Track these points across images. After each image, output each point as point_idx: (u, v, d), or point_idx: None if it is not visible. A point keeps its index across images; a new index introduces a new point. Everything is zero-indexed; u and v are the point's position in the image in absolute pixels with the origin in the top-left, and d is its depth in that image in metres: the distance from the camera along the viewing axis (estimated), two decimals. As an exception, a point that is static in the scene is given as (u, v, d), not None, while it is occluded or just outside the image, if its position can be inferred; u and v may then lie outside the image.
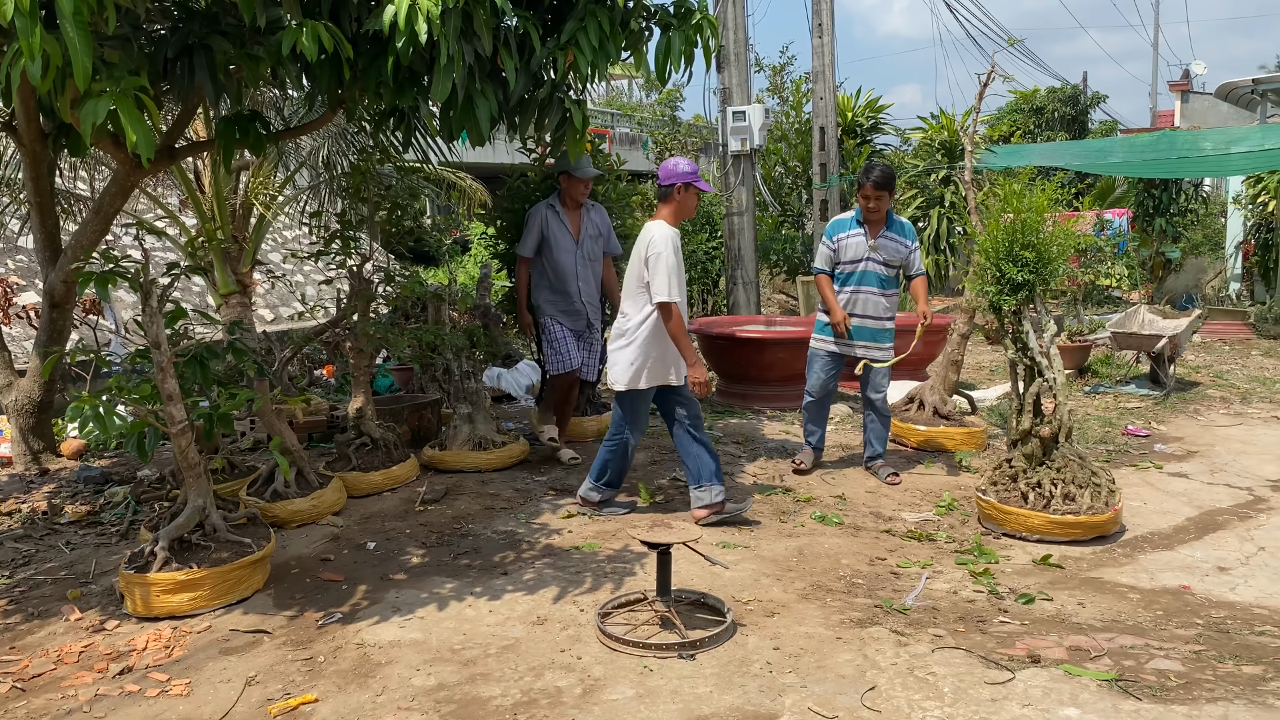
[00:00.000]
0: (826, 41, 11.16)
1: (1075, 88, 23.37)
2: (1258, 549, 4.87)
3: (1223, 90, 16.47)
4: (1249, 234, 14.77)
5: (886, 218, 6.11)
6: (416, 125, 5.81)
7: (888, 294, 6.14)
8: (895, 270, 6.14)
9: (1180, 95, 28.35)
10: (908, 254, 6.12)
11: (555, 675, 3.49)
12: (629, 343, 5.14)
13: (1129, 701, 3.25)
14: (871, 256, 6.08)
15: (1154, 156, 13.08)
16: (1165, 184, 15.21)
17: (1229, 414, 8.14)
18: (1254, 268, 14.82)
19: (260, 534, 4.54)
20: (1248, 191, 14.51)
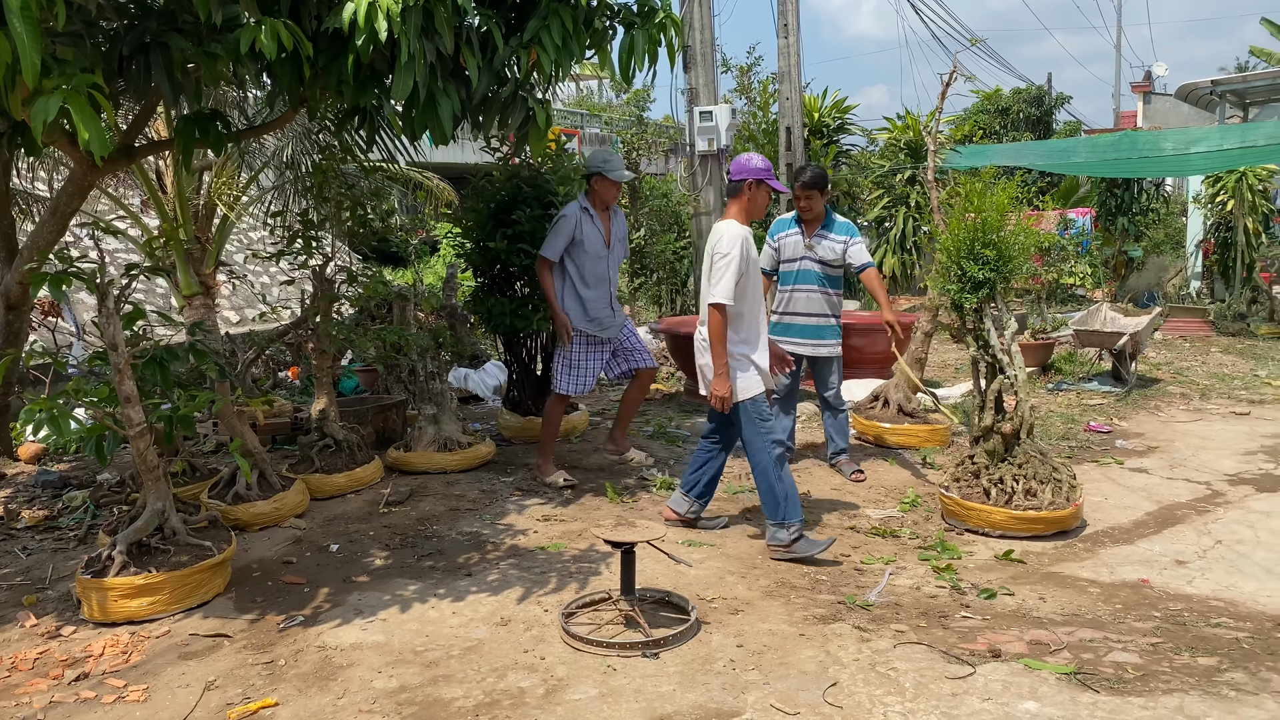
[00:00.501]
0: (792, 42, 11.20)
1: (1040, 89, 23.60)
2: (1215, 542, 4.94)
3: (1183, 91, 16.68)
4: (1209, 233, 14.99)
5: (825, 217, 6.16)
6: (380, 124, 5.77)
7: (829, 292, 6.16)
8: (838, 269, 6.16)
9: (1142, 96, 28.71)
10: (844, 250, 6.10)
11: (518, 676, 3.48)
12: (727, 349, 4.78)
13: (1087, 694, 3.28)
14: (808, 255, 6.13)
15: (1116, 156, 13.24)
16: (1127, 183, 15.41)
17: (1189, 410, 8.25)
18: (1213, 266, 15.04)
19: (221, 537, 4.49)
20: (1207, 191, 14.72)
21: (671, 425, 7.65)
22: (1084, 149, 14.32)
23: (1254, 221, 14.26)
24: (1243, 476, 6.14)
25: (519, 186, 6.83)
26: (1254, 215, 14.24)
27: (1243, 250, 14.23)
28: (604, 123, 26.04)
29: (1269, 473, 6.21)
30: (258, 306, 12.66)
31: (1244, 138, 12.17)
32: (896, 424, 7.00)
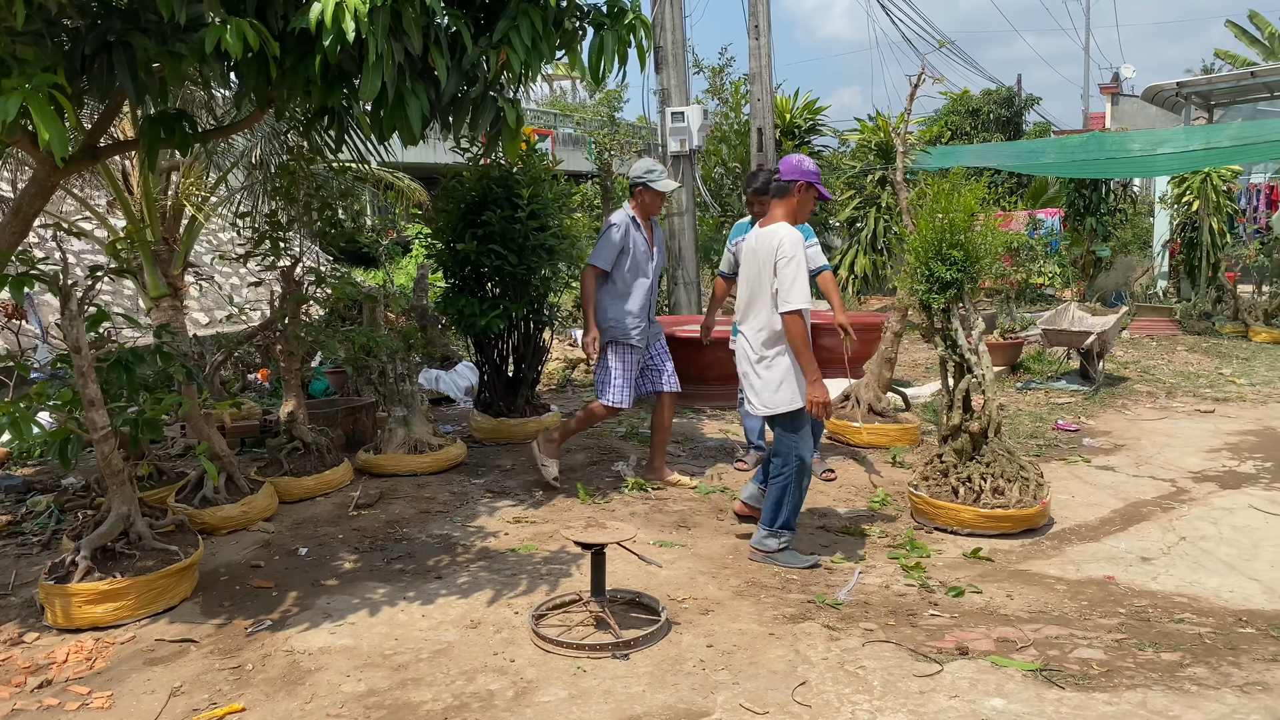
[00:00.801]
0: (764, 43, 11.24)
1: (1010, 90, 23.85)
2: (1179, 539, 5.00)
3: (1149, 93, 16.88)
4: (1175, 233, 15.17)
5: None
6: (349, 124, 5.73)
7: None
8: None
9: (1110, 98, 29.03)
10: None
11: (487, 678, 3.47)
12: (774, 359, 4.65)
13: (1053, 690, 3.31)
14: None
15: (1084, 157, 13.39)
16: (1095, 184, 15.57)
17: (1155, 408, 8.35)
18: (1180, 266, 15.21)
19: (188, 541, 4.45)
20: (1173, 192, 14.90)
21: (644, 426, 7.65)
22: (1053, 150, 14.47)
23: (1219, 222, 14.45)
24: (1207, 474, 6.22)
25: (489, 187, 6.81)
26: (1218, 215, 14.43)
27: (1208, 250, 14.41)
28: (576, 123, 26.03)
29: (1232, 470, 6.29)
30: (226, 308, 12.55)
31: (1209, 139, 12.34)
32: (867, 423, 7.04)
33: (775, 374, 4.64)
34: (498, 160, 7.02)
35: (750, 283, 4.75)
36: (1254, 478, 6.10)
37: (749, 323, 4.76)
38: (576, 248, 7.64)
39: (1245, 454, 6.68)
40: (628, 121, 16.66)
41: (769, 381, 4.66)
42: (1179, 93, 16.06)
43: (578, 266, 7.97)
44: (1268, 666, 3.48)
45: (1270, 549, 4.80)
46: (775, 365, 4.64)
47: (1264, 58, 25.10)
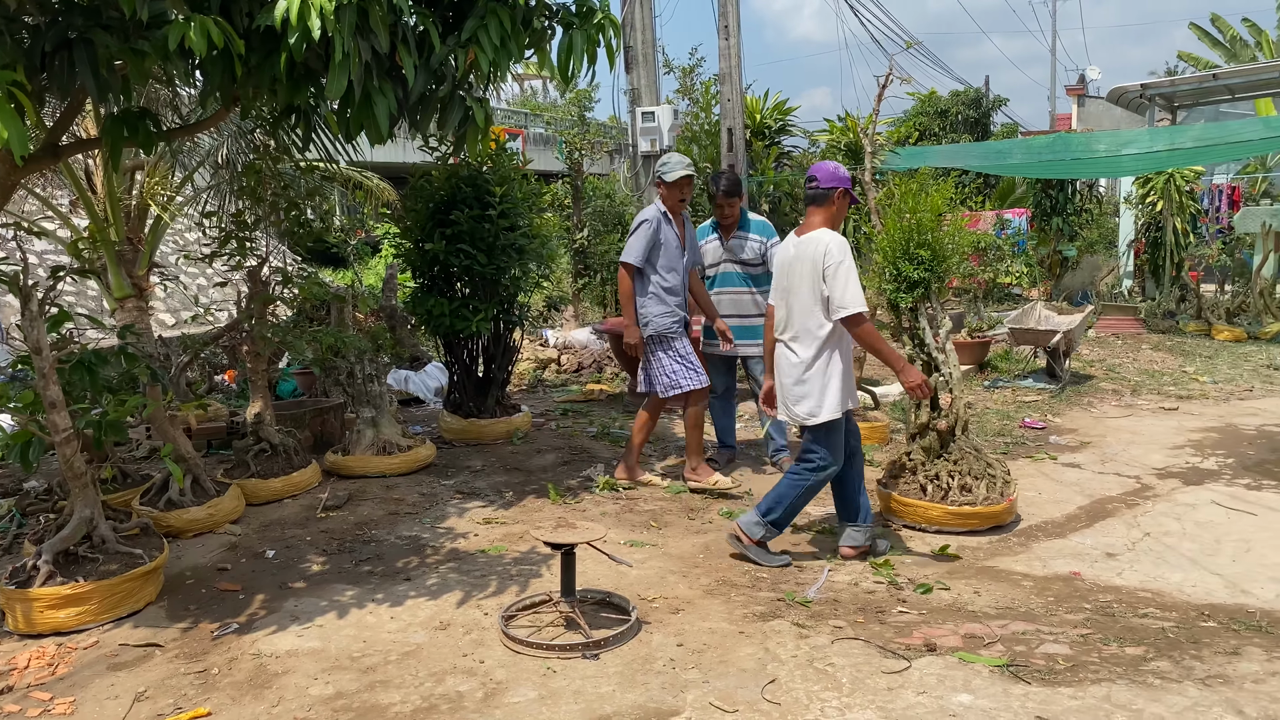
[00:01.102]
0: (733, 44, 11.27)
1: (978, 91, 24.05)
2: (1143, 535, 5.06)
3: (1114, 94, 17.08)
4: (1140, 233, 15.35)
5: (740, 219, 6.25)
6: (317, 123, 5.70)
7: (754, 291, 6.25)
8: (759, 267, 6.23)
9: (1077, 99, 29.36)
10: (766, 249, 6.19)
11: (457, 680, 3.45)
12: (818, 368, 4.57)
13: (1019, 686, 3.34)
14: (727, 258, 6.25)
15: (1051, 158, 13.53)
16: (1062, 184, 15.74)
17: (1120, 406, 8.44)
18: (1144, 265, 15.41)
19: (153, 544, 4.40)
20: (1138, 192, 15.09)
21: (615, 426, 7.65)
22: (1020, 150, 14.61)
23: (1182, 222, 14.65)
24: (1170, 470, 6.30)
25: (458, 186, 6.79)
26: (1182, 215, 14.63)
27: (1172, 250, 14.61)
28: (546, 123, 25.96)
29: (1195, 466, 6.38)
30: (192, 309, 12.42)
31: (1172, 140, 12.51)
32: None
33: (819, 383, 4.56)
34: (466, 160, 6.99)
35: (790, 292, 4.65)
36: (1216, 474, 6.18)
37: (791, 332, 4.66)
38: (547, 247, 7.62)
39: (1208, 451, 6.78)
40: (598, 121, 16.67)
41: (813, 391, 4.57)
42: (1143, 94, 16.26)
43: (548, 266, 7.95)
44: (1229, 660, 3.53)
45: (1232, 544, 4.87)
46: (819, 374, 4.57)
47: (1226, 60, 25.50)
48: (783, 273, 4.74)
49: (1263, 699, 3.22)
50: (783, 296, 4.73)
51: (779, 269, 4.79)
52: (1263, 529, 5.09)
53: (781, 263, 4.76)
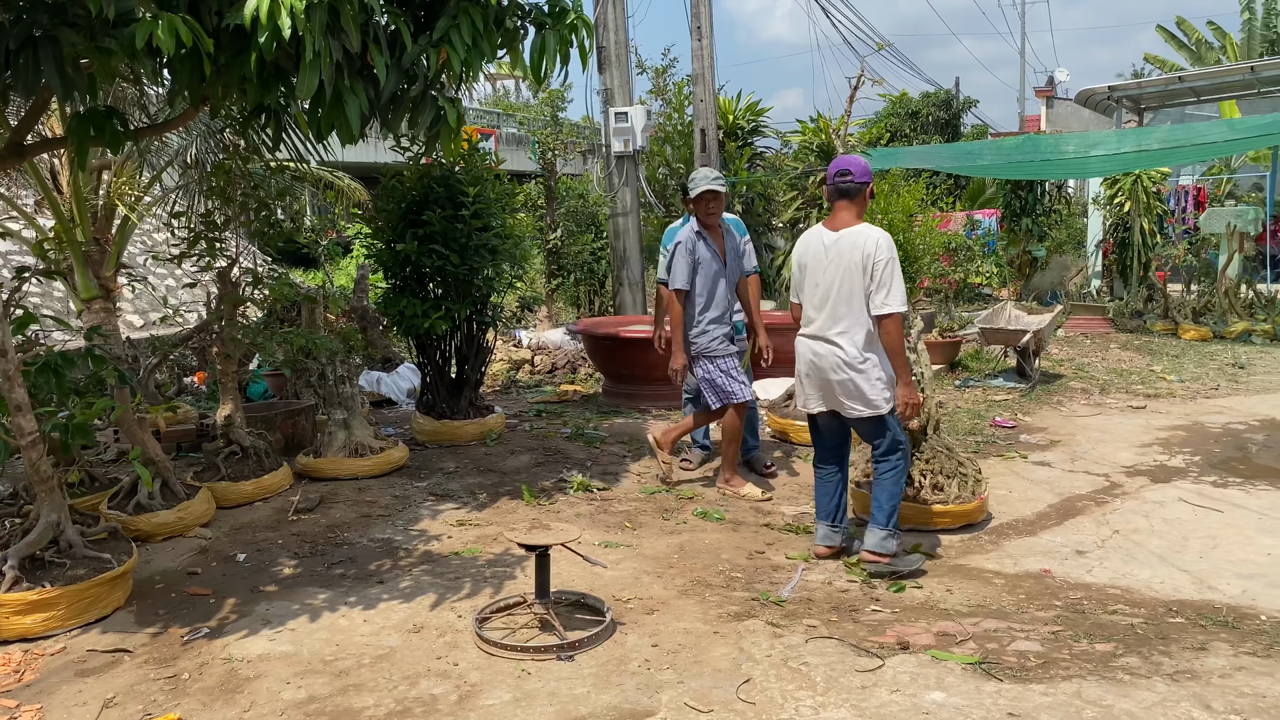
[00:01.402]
0: (706, 44, 11.29)
1: (948, 93, 24.24)
2: (1112, 532, 5.12)
3: (1082, 96, 17.28)
4: (1107, 233, 15.53)
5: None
6: (287, 123, 5.65)
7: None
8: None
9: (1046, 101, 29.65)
10: (741, 247, 6.17)
11: (431, 683, 3.44)
12: (869, 362, 4.51)
13: (991, 683, 3.37)
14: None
15: (1020, 159, 13.65)
16: (1031, 185, 15.89)
17: (1089, 404, 8.53)
18: (1112, 265, 15.58)
19: (121, 549, 4.34)
20: (1106, 193, 15.26)
21: (590, 427, 7.64)
22: (990, 152, 14.73)
23: (1149, 222, 14.82)
24: (1139, 468, 6.38)
25: (430, 186, 6.76)
26: (1149, 216, 14.81)
27: (1139, 250, 14.78)
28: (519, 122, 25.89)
29: (1163, 464, 6.46)
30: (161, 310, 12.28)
31: (1139, 142, 12.66)
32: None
33: (870, 375, 4.52)
34: (439, 159, 6.96)
35: (832, 287, 4.55)
36: (1183, 472, 6.26)
37: (838, 328, 4.55)
38: (520, 248, 7.60)
39: (1175, 449, 6.86)
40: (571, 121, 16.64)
41: (874, 383, 4.52)
42: (1111, 96, 16.46)
43: (521, 267, 7.93)
44: (1196, 655, 3.57)
45: (1199, 541, 4.93)
46: (878, 365, 4.53)
47: (1191, 63, 25.83)
48: (816, 268, 4.61)
49: (1229, 694, 3.27)
50: (820, 292, 4.60)
51: (810, 264, 4.65)
52: (1229, 526, 5.16)
53: (814, 257, 4.63)
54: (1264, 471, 6.22)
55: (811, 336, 4.68)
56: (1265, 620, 3.91)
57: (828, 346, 4.59)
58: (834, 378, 4.57)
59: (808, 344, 4.70)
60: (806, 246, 4.72)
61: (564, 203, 13.03)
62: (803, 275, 4.72)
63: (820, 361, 4.61)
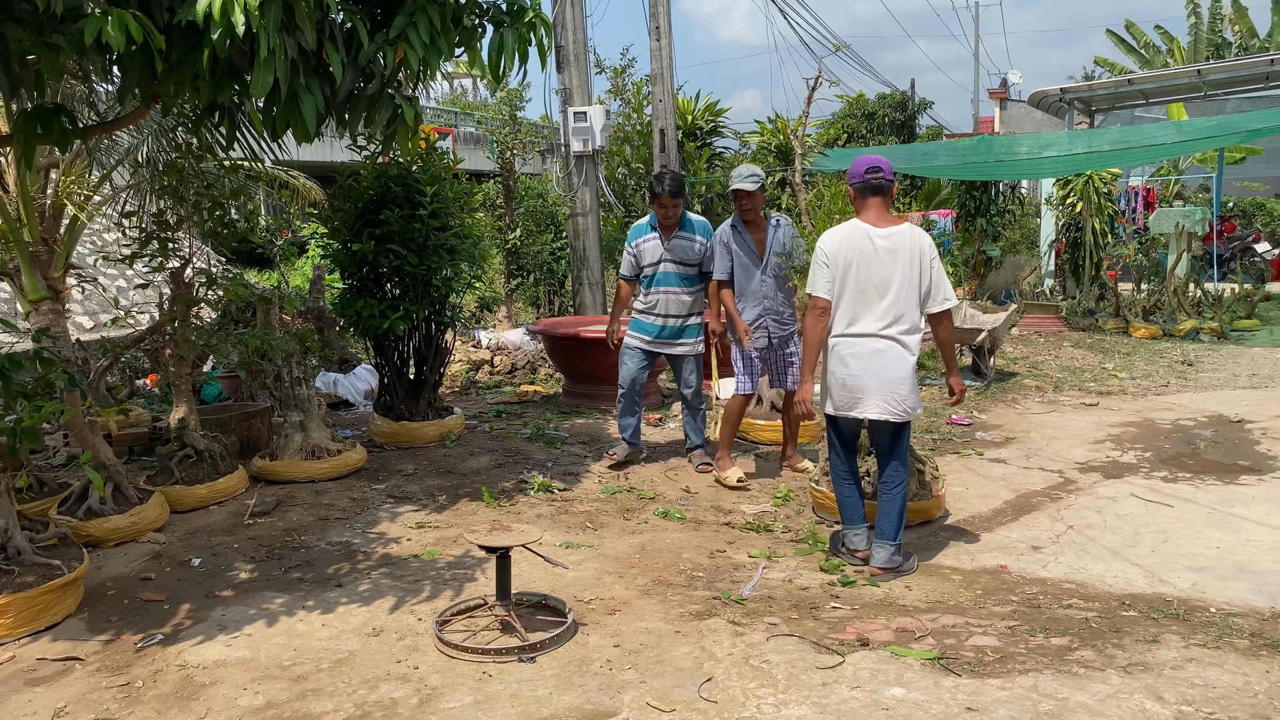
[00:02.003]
0: (665, 45, 11.30)
1: (904, 94, 24.45)
2: (1067, 528, 5.19)
3: (1035, 98, 17.53)
4: (1060, 233, 15.76)
5: (680, 219, 6.33)
6: (241, 121, 5.57)
7: (689, 291, 6.36)
8: (694, 267, 6.33)
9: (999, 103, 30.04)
10: (703, 250, 6.29)
11: (391, 686, 3.41)
12: (913, 363, 4.55)
13: (950, 678, 3.41)
14: (666, 258, 6.31)
15: (975, 160, 13.83)
16: (985, 186, 16.08)
17: (1043, 402, 8.66)
18: (1065, 265, 15.82)
19: (72, 555, 4.26)
20: (1058, 193, 15.48)
21: (550, 427, 7.62)
22: (945, 153, 14.91)
23: (1100, 222, 15.06)
24: (1092, 464, 6.48)
25: (387, 186, 6.70)
26: (1100, 216, 15.04)
27: (1091, 250, 15.02)
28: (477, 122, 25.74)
29: (1115, 460, 6.57)
30: (112, 311, 12.06)
31: (1091, 143, 12.88)
32: (770, 421, 7.14)
33: (913, 377, 4.53)
34: (396, 158, 6.90)
35: (893, 284, 4.47)
36: (1135, 467, 6.38)
37: (901, 326, 4.48)
38: (479, 248, 7.55)
39: (1127, 445, 6.98)
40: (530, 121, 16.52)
41: (916, 386, 4.55)
42: (1063, 98, 16.71)
43: (480, 267, 7.89)
44: (1149, 648, 3.64)
45: (1150, 535, 5.02)
46: (913, 370, 4.54)
47: (1140, 66, 26.32)
48: (868, 265, 4.49)
49: (1180, 685, 3.33)
50: (876, 290, 4.49)
51: (858, 261, 4.50)
52: (1179, 520, 5.26)
53: (862, 254, 4.50)
54: (1212, 467, 6.35)
55: (867, 335, 4.51)
56: (1214, 612, 3.99)
57: (890, 344, 4.48)
58: (894, 375, 4.48)
59: (860, 343, 4.51)
60: (845, 243, 4.54)
61: (523, 202, 12.97)
62: (847, 272, 4.52)
63: (882, 359, 4.47)
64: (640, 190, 14.42)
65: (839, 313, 4.56)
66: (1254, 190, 22.70)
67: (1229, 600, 4.14)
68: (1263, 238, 21.15)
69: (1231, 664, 3.48)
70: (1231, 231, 20.20)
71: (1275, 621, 3.89)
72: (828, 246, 4.58)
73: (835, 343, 4.59)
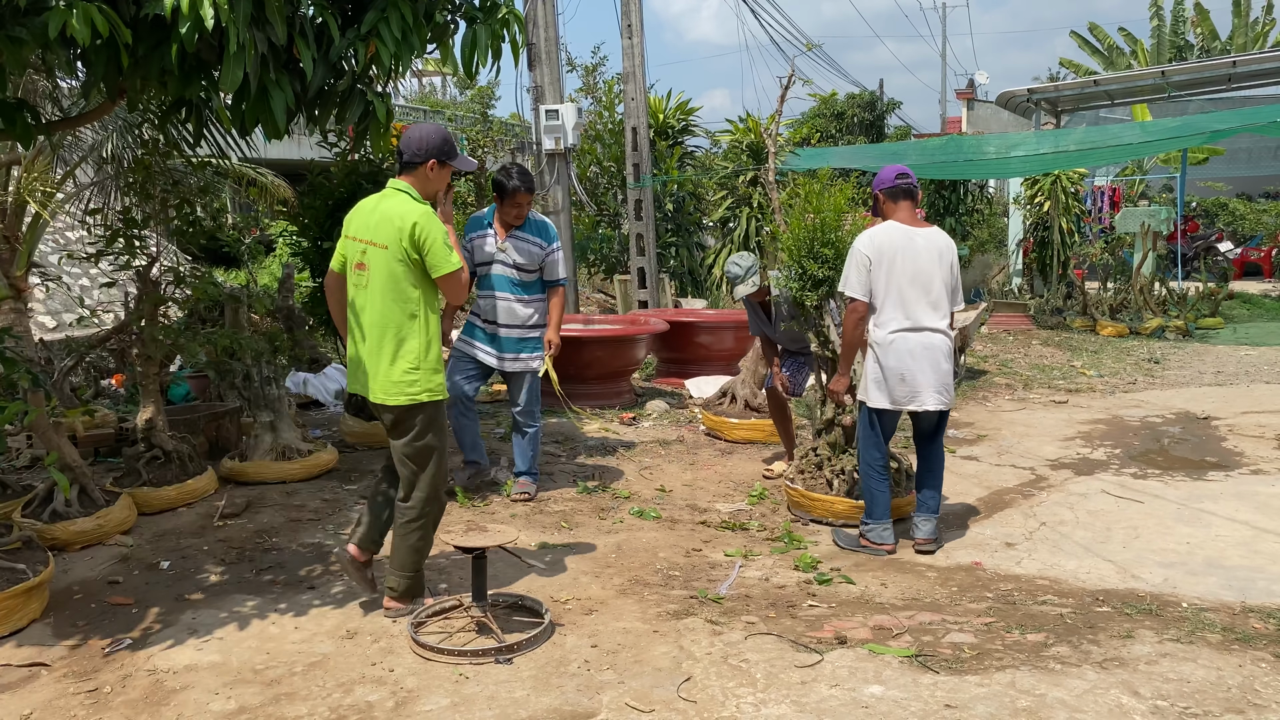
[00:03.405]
0: (636, 43, 11.28)
1: (873, 94, 24.56)
2: (1039, 524, 5.23)
3: (1002, 99, 17.68)
4: (1028, 232, 15.91)
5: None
6: (209, 117, 5.49)
7: (523, 299, 5.65)
8: (533, 273, 5.65)
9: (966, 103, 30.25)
10: (544, 256, 5.64)
11: (366, 689, 3.36)
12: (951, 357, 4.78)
13: (927, 675, 3.41)
14: (499, 259, 5.62)
15: (944, 159, 13.91)
16: (954, 185, 16.21)
17: (1013, 400, 8.73)
18: (1033, 264, 15.98)
19: (37, 559, 4.17)
20: (1026, 193, 15.64)
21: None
22: (914, 152, 14.98)
23: (1067, 222, 15.23)
24: (1062, 461, 6.53)
25: (359, 183, 6.62)
26: (1067, 216, 15.21)
27: (1058, 248, 15.18)
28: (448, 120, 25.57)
29: (1085, 457, 6.63)
30: (77, 310, 11.87)
31: (1057, 143, 12.99)
32: (743, 419, 7.14)
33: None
34: (368, 155, 6.84)
35: (934, 280, 4.67)
36: (1105, 464, 6.44)
37: (943, 320, 4.71)
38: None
39: (1097, 442, 7.05)
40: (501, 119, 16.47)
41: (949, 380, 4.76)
42: (1029, 99, 16.87)
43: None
44: (1123, 643, 3.66)
45: (1121, 531, 5.07)
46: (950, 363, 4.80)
47: (1104, 67, 26.61)
48: (907, 262, 4.65)
49: (1155, 679, 3.35)
50: (919, 286, 4.66)
51: (899, 259, 4.65)
52: (1149, 516, 5.31)
53: (902, 252, 4.66)
54: (1180, 463, 6.43)
55: (917, 329, 4.66)
56: (1186, 607, 4.03)
57: (939, 337, 4.69)
58: (946, 367, 4.70)
59: (915, 338, 4.65)
60: (889, 241, 4.68)
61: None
62: (892, 268, 4.66)
63: (937, 353, 4.67)
64: (612, 189, 14.41)
65: (888, 308, 4.69)
66: (1217, 190, 23.09)
67: (1200, 595, 4.18)
68: (1225, 237, 21.50)
69: (1205, 658, 3.51)
70: (1195, 231, 20.53)
71: (1246, 616, 3.93)
72: (869, 247, 4.70)
73: (893, 338, 4.69)
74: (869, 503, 4.86)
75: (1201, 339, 12.32)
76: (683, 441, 7.12)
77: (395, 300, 3.88)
